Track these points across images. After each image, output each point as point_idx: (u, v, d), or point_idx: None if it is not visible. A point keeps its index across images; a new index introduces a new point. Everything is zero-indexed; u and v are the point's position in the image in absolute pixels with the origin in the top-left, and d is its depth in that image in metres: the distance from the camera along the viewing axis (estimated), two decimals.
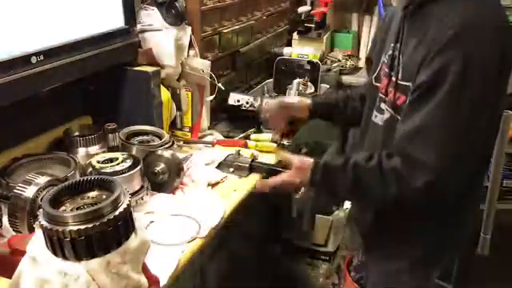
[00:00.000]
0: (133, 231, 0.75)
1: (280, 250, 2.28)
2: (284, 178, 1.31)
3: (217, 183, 1.56)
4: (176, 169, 1.47)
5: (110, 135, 1.51)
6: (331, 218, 2.57)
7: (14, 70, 1.21)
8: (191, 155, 1.69)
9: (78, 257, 0.69)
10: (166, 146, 1.54)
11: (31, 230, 1.07)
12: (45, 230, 0.69)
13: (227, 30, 2.14)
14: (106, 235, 0.70)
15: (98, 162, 1.33)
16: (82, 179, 0.77)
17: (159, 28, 1.75)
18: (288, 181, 1.31)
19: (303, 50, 2.71)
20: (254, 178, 1.61)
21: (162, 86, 1.72)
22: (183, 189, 1.50)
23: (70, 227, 0.68)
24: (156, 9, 1.74)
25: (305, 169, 1.26)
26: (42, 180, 1.12)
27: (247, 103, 2.06)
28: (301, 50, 2.72)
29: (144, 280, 0.78)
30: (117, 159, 1.34)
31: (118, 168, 1.31)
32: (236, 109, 2.08)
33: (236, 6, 2.24)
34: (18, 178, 1.23)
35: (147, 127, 1.63)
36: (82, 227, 0.68)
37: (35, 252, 0.72)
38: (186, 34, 1.84)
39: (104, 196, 0.76)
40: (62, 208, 0.74)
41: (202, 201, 1.44)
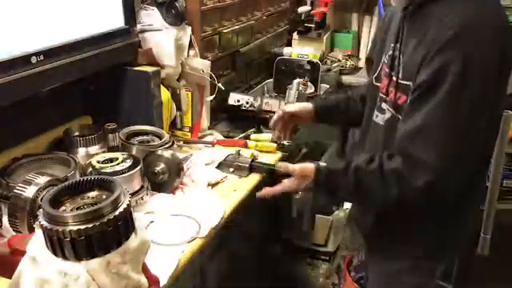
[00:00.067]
0: (133, 231, 0.75)
1: (280, 249, 2.27)
2: (287, 186, 1.31)
3: (217, 183, 1.57)
4: (176, 169, 1.47)
5: (110, 135, 1.51)
6: (331, 217, 2.57)
7: (14, 70, 1.21)
8: (191, 155, 1.69)
9: (78, 257, 0.69)
10: (166, 145, 1.54)
11: (31, 230, 1.07)
12: (45, 230, 0.69)
13: (227, 30, 2.14)
14: (106, 235, 0.70)
15: (98, 162, 1.33)
16: (81, 179, 0.77)
17: (159, 28, 1.75)
18: (291, 189, 1.31)
19: (303, 50, 2.71)
20: (254, 178, 1.61)
21: (162, 86, 1.72)
22: (183, 189, 1.51)
23: (70, 227, 0.68)
24: (156, 9, 1.75)
25: (307, 175, 1.26)
26: (42, 180, 1.12)
27: (247, 103, 2.06)
28: (301, 49, 2.72)
29: (144, 280, 0.78)
30: (117, 159, 1.34)
31: (117, 168, 1.31)
32: (236, 109, 2.08)
33: (236, 5, 2.24)
34: (18, 178, 1.23)
35: (147, 127, 1.63)
36: (82, 227, 0.68)
37: (35, 252, 0.72)
38: (186, 34, 1.84)
39: (104, 196, 0.76)
40: (62, 208, 0.74)
41: (202, 201, 1.44)
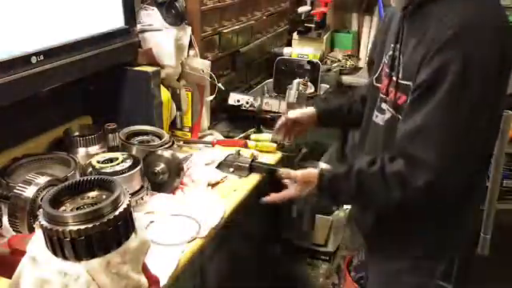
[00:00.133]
0: (133, 231, 0.75)
1: (280, 249, 2.27)
2: (292, 193, 1.32)
3: (217, 183, 1.57)
4: (176, 169, 1.47)
5: (110, 135, 1.51)
6: (331, 218, 2.57)
7: (14, 70, 1.21)
8: (191, 155, 1.69)
9: (78, 257, 0.69)
10: (166, 145, 1.54)
11: (31, 230, 1.07)
12: (45, 230, 0.69)
13: (227, 30, 2.14)
14: (106, 235, 0.70)
15: (98, 162, 1.33)
16: (81, 179, 0.77)
17: (159, 28, 1.75)
18: (295, 195, 1.32)
19: (303, 50, 2.71)
20: (254, 178, 1.61)
21: (162, 86, 1.72)
22: (183, 189, 1.51)
23: (70, 227, 0.68)
24: (156, 9, 1.74)
25: (311, 181, 1.27)
26: (42, 180, 1.12)
27: (247, 103, 2.06)
28: (301, 49, 2.72)
29: (144, 280, 0.78)
30: (117, 159, 1.34)
31: (118, 168, 1.31)
32: (236, 109, 2.08)
33: (236, 5, 2.24)
34: (18, 178, 1.23)
35: (147, 127, 1.63)
36: (82, 227, 0.68)
37: (35, 252, 0.72)
38: (186, 34, 1.84)
39: (104, 196, 0.76)
40: (62, 208, 0.74)
41: (202, 201, 1.44)
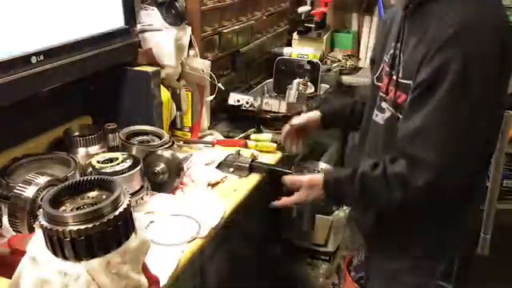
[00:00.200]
0: (133, 231, 0.75)
1: (280, 249, 2.27)
2: (298, 199, 1.33)
3: (217, 183, 1.57)
4: (176, 169, 1.47)
5: (110, 135, 1.51)
6: (331, 217, 2.57)
7: (14, 70, 1.21)
8: (191, 155, 1.69)
9: (78, 257, 0.69)
10: (166, 145, 1.54)
11: (31, 230, 1.07)
12: (45, 230, 0.69)
13: (227, 30, 2.14)
14: (106, 235, 0.70)
15: (98, 162, 1.33)
16: (82, 179, 0.77)
17: (159, 28, 1.75)
18: (302, 200, 1.33)
19: (303, 50, 2.71)
20: (254, 178, 1.61)
21: (162, 86, 1.72)
22: (183, 189, 1.50)
23: (70, 227, 0.68)
24: (156, 9, 1.74)
25: (316, 186, 1.27)
26: (42, 180, 1.12)
27: (247, 103, 2.06)
28: (301, 50, 2.72)
29: (144, 280, 0.78)
30: (117, 159, 1.34)
31: (118, 168, 1.31)
32: (236, 109, 2.07)
33: (236, 5, 2.24)
34: (18, 178, 1.23)
35: (147, 127, 1.63)
36: (82, 227, 0.68)
37: (35, 252, 0.72)
38: (186, 34, 1.84)
39: (104, 196, 0.75)
40: (62, 208, 0.74)
41: (202, 201, 1.44)
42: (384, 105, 1.26)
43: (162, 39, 1.74)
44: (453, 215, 1.23)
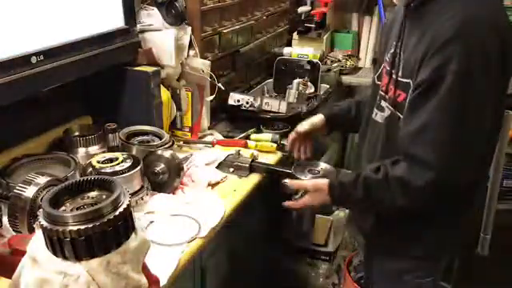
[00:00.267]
0: (133, 231, 0.75)
1: (280, 250, 2.27)
2: (304, 204, 1.34)
3: (217, 183, 1.57)
4: (176, 169, 1.47)
5: (110, 135, 1.51)
6: (331, 217, 2.57)
7: (13, 70, 1.21)
8: (191, 155, 1.69)
9: (78, 257, 0.69)
10: (166, 145, 1.54)
11: (31, 230, 1.07)
12: (45, 230, 0.69)
13: (227, 30, 2.14)
14: (106, 235, 0.70)
15: (98, 162, 1.33)
16: (81, 179, 0.77)
17: (159, 28, 1.75)
18: (308, 205, 1.34)
19: (303, 50, 2.70)
20: (254, 178, 1.61)
21: (162, 86, 1.72)
22: (183, 189, 1.50)
23: (70, 227, 0.67)
24: (156, 9, 1.74)
25: (322, 190, 1.28)
26: (42, 180, 1.12)
27: (247, 103, 2.05)
28: (301, 50, 2.71)
29: (144, 280, 0.78)
30: (117, 159, 1.34)
31: (117, 168, 1.31)
32: (236, 109, 2.07)
33: (236, 5, 2.24)
34: (18, 178, 1.23)
35: (147, 127, 1.63)
36: (82, 227, 0.68)
37: (35, 252, 0.72)
38: (186, 34, 1.83)
39: (104, 196, 0.75)
40: (62, 208, 0.74)
41: (202, 201, 1.44)
42: (383, 104, 1.26)
43: (162, 39, 1.74)
44: (453, 215, 1.24)
